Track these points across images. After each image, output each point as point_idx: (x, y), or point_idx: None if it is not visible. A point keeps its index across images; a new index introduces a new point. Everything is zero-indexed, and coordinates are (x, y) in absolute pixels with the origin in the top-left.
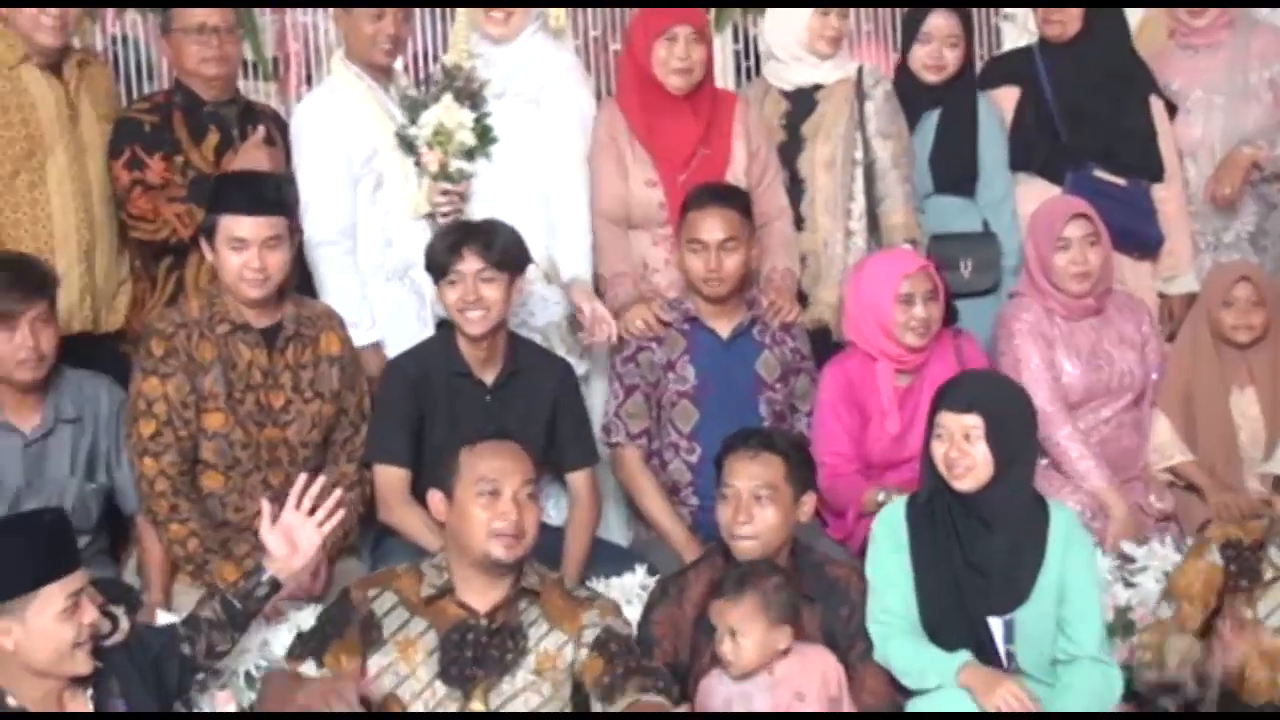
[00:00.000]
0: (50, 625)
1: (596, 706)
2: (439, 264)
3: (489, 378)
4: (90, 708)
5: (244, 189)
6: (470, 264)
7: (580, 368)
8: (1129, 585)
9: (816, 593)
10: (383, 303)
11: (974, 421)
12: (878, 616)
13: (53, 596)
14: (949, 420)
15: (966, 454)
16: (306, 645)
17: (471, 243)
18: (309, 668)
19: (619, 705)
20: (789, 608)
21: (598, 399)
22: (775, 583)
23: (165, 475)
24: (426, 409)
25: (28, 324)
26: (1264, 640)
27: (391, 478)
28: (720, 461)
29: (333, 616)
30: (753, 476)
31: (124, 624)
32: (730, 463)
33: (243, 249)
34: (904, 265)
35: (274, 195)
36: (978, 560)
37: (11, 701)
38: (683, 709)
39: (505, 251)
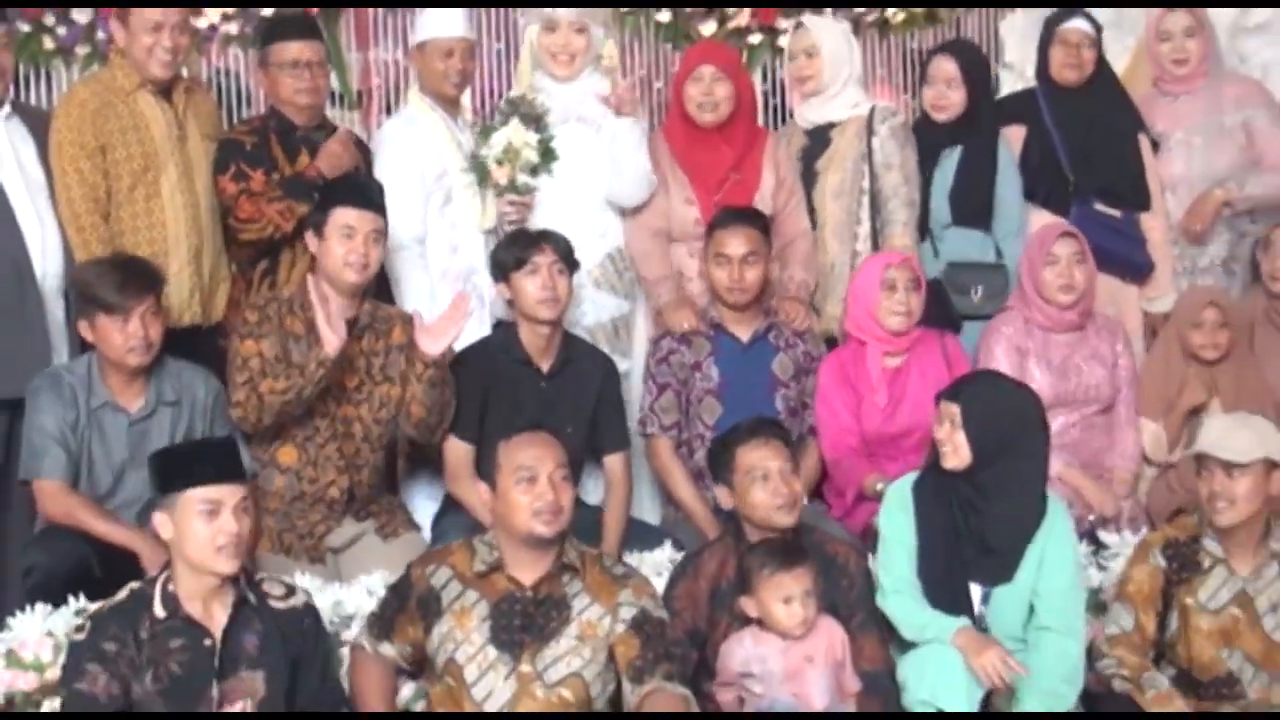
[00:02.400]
0: (190, 523)
1: (626, 685)
2: (518, 258)
3: (545, 365)
4: (222, 622)
5: (357, 187)
6: (548, 256)
7: (622, 365)
8: (1101, 569)
9: (818, 567)
10: (447, 302)
11: (955, 409)
12: (883, 574)
13: (192, 500)
14: (942, 406)
15: (950, 438)
16: (378, 624)
17: (546, 241)
18: (387, 649)
19: (645, 687)
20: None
21: (636, 393)
22: (809, 557)
23: (254, 394)
24: (490, 391)
25: (138, 316)
26: None
27: (460, 451)
28: (731, 453)
29: (397, 593)
30: (780, 455)
31: (301, 596)
32: (750, 449)
33: (352, 237)
34: (888, 257)
35: (379, 198)
36: (969, 533)
37: (170, 588)
38: (693, 707)
39: (570, 252)
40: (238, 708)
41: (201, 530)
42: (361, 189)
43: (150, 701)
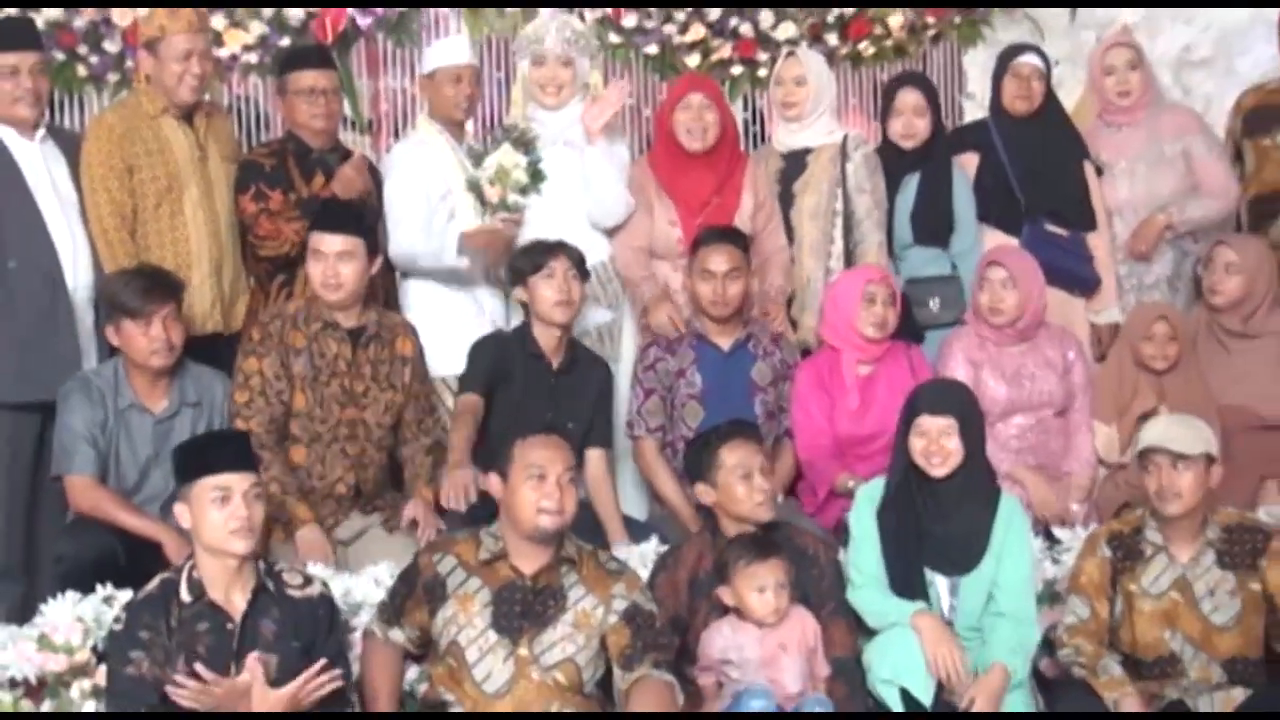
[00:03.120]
0: (204, 510)
1: (617, 671)
2: (535, 264)
3: (556, 361)
4: (242, 607)
5: (329, 212)
6: (563, 263)
7: (612, 365)
8: (1055, 562)
9: (791, 559)
10: (447, 309)
11: (949, 422)
12: (853, 571)
13: (206, 487)
14: (928, 422)
15: (944, 448)
16: (389, 609)
17: (562, 249)
18: (397, 635)
19: (635, 673)
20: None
21: (621, 397)
22: (783, 551)
23: (253, 433)
24: (503, 379)
25: (160, 320)
26: None
27: (470, 400)
28: (713, 453)
29: (405, 580)
30: (756, 454)
31: (318, 586)
32: (733, 449)
33: (321, 260)
34: (870, 273)
35: (351, 219)
36: (936, 532)
37: (196, 575)
38: (680, 704)
39: (582, 261)
40: (257, 671)
41: (215, 516)
42: (332, 213)
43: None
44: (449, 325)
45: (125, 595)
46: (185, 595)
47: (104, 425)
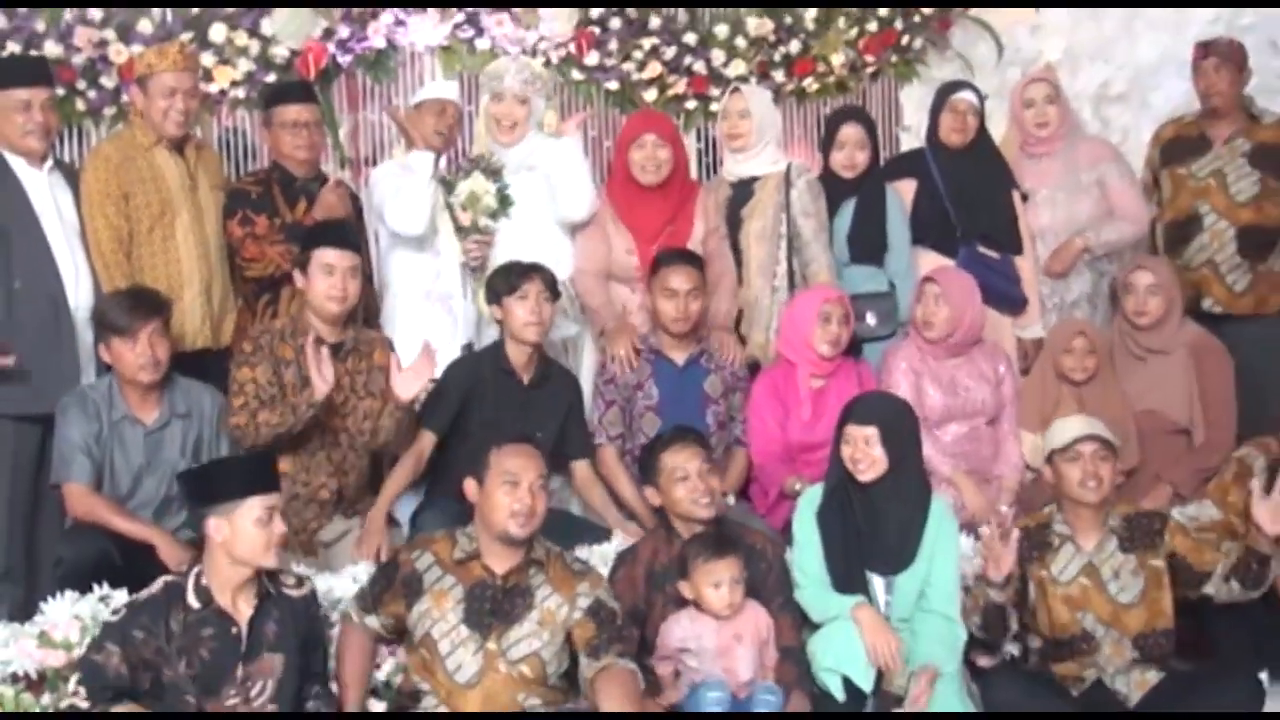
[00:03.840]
0: (249, 527)
1: (583, 662)
2: (511, 285)
3: (526, 377)
4: (248, 613)
5: (336, 230)
6: (536, 285)
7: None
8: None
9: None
10: (425, 320)
11: (872, 431)
12: (797, 572)
13: (254, 507)
14: (854, 431)
15: (869, 455)
16: (366, 597)
17: (536, 272)
18: (372, 621)
19: (600, 662)
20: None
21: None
22: (738, 549)
23: (253, 422)
24: (475, 396)
25: (146, 337)
26: None
27: (424, 439)
28: (656, 458)
29: (384, 573)
30: (698, 457)
31: (309, 585)
32: (672, 454)
33: (332, 273)
34: (826, 294)
35: (355, 239)
36: (871, 533)
37: (204, 582)
38: (644, 704)
39: (554, 283)
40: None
41: (259, 533)
42: (339, 231)
43: (182, 684)
44: (426, 336)
45: (121, 595)
46: (193, 601)
47: (99, 436)
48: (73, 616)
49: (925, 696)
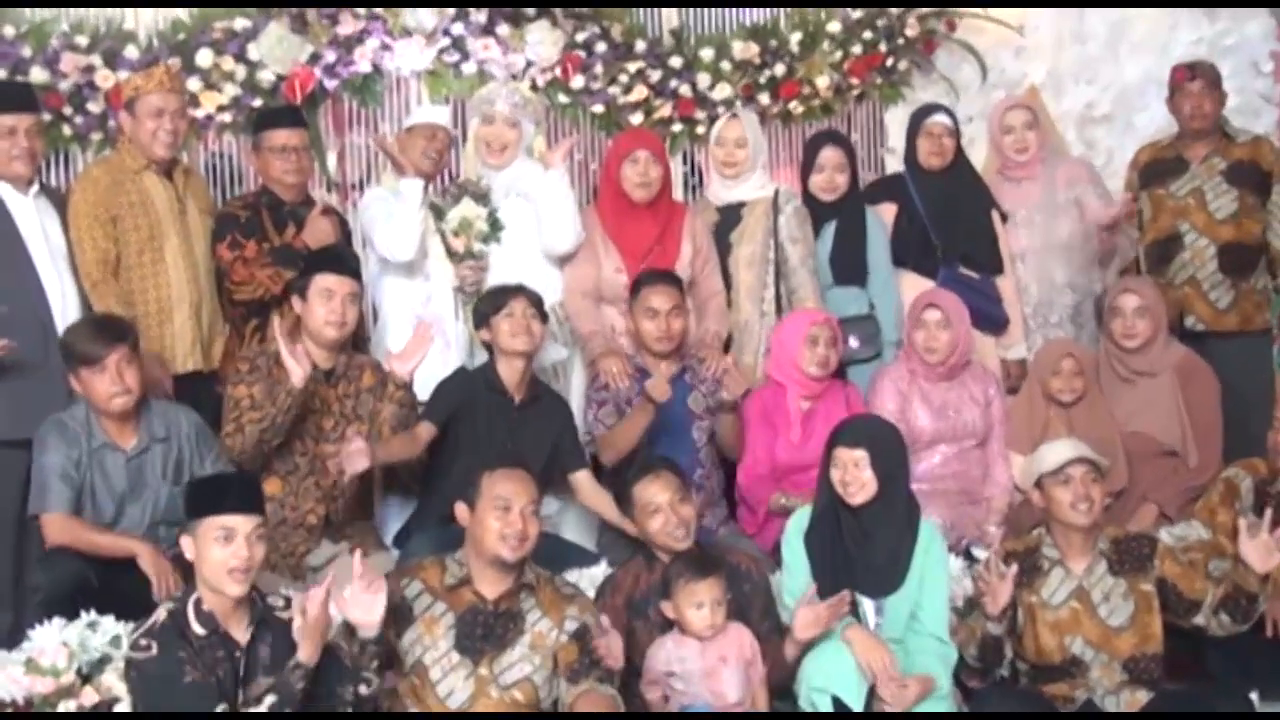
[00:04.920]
0: (206, 547)
1: (562, 685)
2: (495, 305)
3: (518, 397)
4: (244, 637)
5: (336, 257)
6: (521, 302)
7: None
8: (974, 580)
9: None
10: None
11: (861, 454)
12: (786, 595)
13: (210, 526)
14: (844, 454)
15: (859, 477)
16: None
17: (520, 291)
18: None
19: (580, 688)
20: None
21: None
22: (722, 570)
23: (241, 431)
24: (466, 414)
25: (114, 365)
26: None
27: (425, 429)
28: (629, 490)
29: None
30: (669, 489)
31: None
32: (642, 488)
33: (331, 299)
34: (814, 316)
35: (355, 265)
36: (860, 556)
37: (206, 608)
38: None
39: (540, 302)
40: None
41: (217, 554)
42: (339, 258)
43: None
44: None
45: (108, 620)
46: (198, 629)
47: (78, 463)
48: (60, 643)
49: (914, 694)
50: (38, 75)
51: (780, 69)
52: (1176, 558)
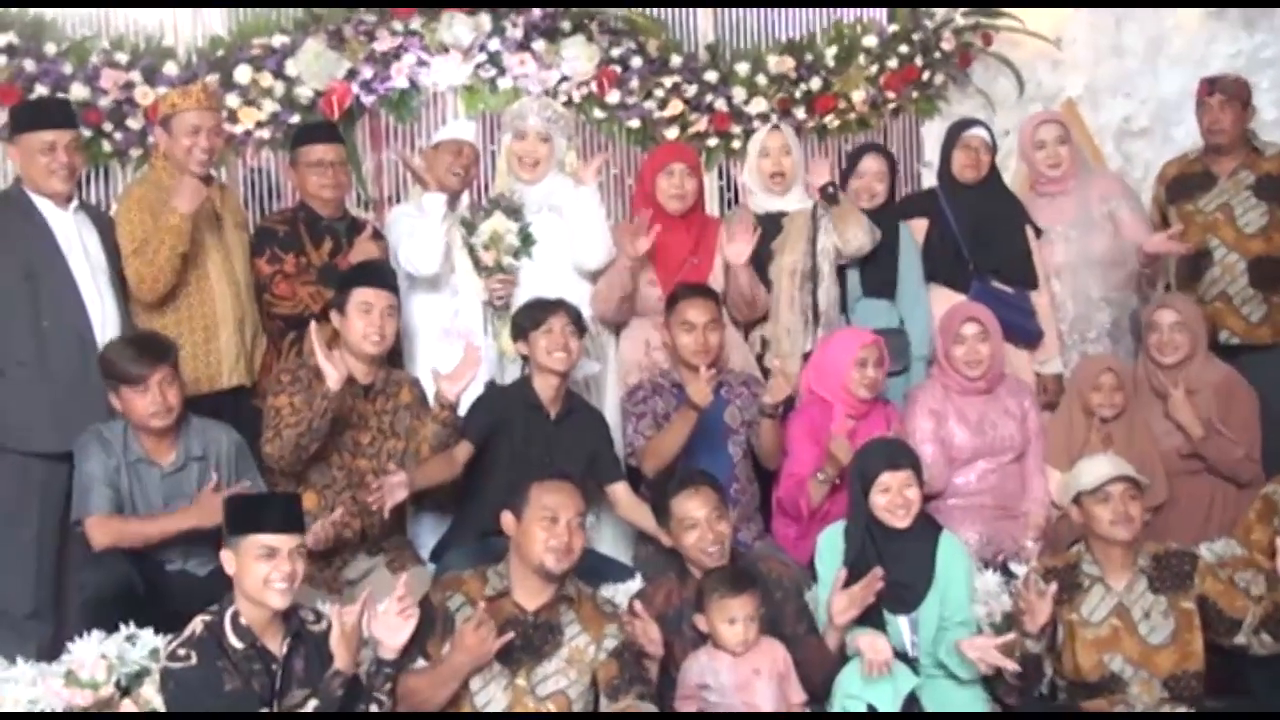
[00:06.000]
0: (249, 562)
1: (603, 700)
2: (535, 320)
3: (554, 411)
4: (280, 650)
5: (374, 270)
6: (561, 319)
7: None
8: (1012, 596)
9: (760, 589)
10: (446, 357)
11: (907, 474)
12: (821, 610)
13: (254, 543)
14: (891, 478)
15: (907, 499)
16: (414, 647)
17: (560, 306)
18: (420, 663)
19: (620, 703)
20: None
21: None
22: (756, 586)
23: (279, 437)
24: (503, 430)
25: (156, 385)
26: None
27: (463, 450)
28: (667, 503)
29: (423, 619)
30: (707, 504)
31: (326, 621)
32: (679, 502)
33: (370, 312)
34: (863, 337)
35: (393, 279)
36: (891, 572)
37: (243, 622)
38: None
39: (579, 317)
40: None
41: (260, 570)
42: (377, 272)
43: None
44: (443, 369)
45: (147, 633)
46: (235, 641)
47: (118, 471)
48: (99, 655)
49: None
50: (78, 92)
51: (816, 83)
52: (1217, 575)
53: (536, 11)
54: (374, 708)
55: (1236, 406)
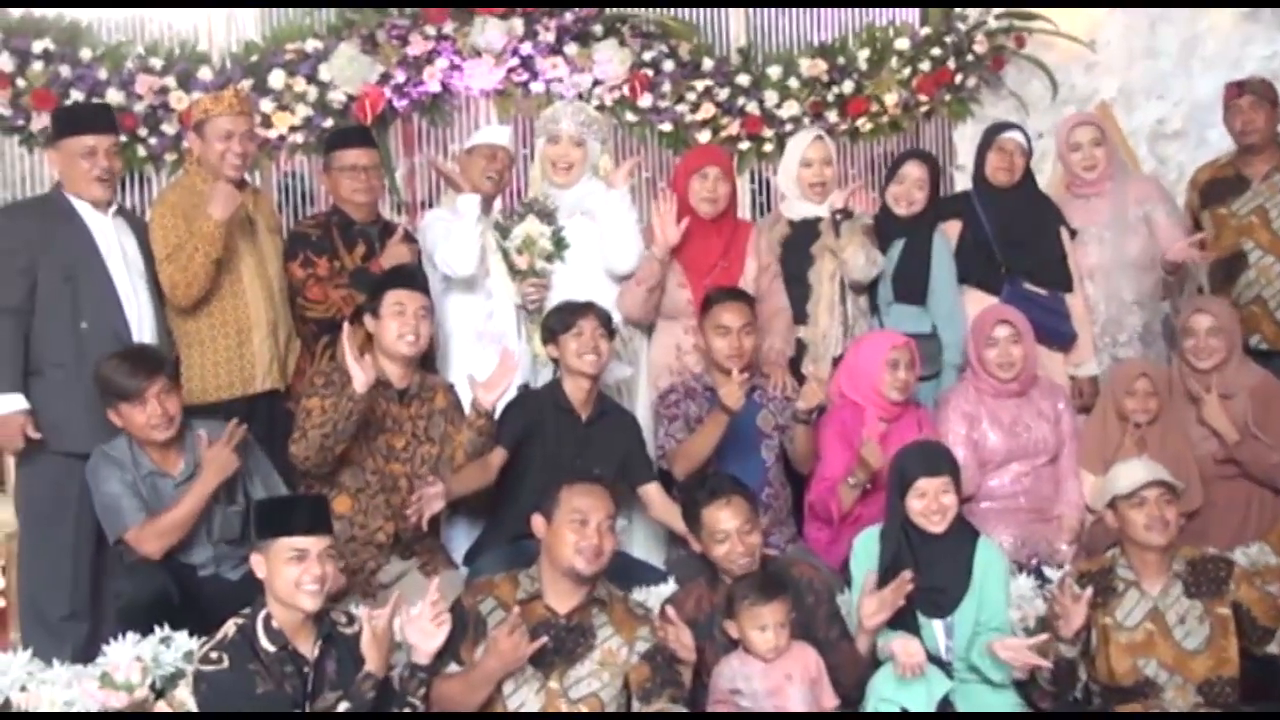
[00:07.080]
0: (279, 565)
1: (636, 704)
2: (565, 323)
3: (585, 414)
4: (312, 653)
5: (406, 273)
6: (591, 322)
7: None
8: (1046, 600)
9: (791, 594)
10: (480, 360)
11: (945, 480)
12: (854, 612)
13: (283, 546)
14: (929, 484)
15: (943, 505)
16: (446, 652)
17: (590, 309)
18: (452, 667)
19: (653, 706)
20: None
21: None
22: (786, 592)
23: (305, 437)
24: (535, 433)
25: (154, 397)
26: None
27: (497, 456)
28: (698, 511)
29: (455, 623)
30: (738, 517)
31: (357, 623)
32: (711, 512)
33: (404, 313)
34: (893, 339)
35: (425, 282)
36: (927, 576)
37: (275, 625)
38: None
39: (609, 320)
40: None
41: (290, 572)
42: (410, 274)
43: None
44: (480, 378)
45: (181, 636)
46: (267, 644)
47: (134, 485)
48: (134, 658)
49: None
50: (113, 97)
51: (848, 86)
52: (1253, 582)
53: (569, 15)
54: (406, 710)
55: (1273, 410)
